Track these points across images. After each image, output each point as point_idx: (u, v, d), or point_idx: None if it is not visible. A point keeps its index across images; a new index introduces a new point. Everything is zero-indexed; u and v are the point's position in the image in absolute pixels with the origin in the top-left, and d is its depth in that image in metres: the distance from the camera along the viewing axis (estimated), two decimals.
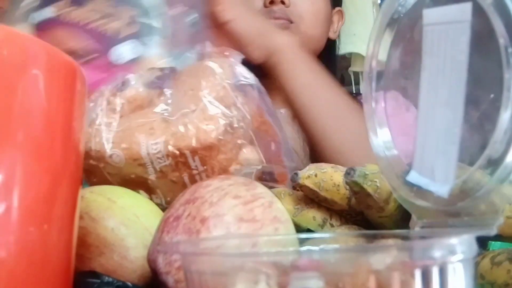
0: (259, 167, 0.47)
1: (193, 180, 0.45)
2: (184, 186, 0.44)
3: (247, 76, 0.49)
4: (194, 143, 0.43)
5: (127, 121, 0.45)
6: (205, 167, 0.44)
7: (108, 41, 0.50)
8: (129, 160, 0.43)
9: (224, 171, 0.45)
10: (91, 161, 0.44)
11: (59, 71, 0.24)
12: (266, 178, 0.48)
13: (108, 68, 0.50)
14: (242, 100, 0.46)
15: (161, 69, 0.50)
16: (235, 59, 0.49)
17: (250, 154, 0.47)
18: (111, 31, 0.51)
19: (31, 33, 0.49)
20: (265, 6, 0.83)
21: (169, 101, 0.46)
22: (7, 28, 0.22)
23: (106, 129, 0.44)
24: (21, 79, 0.21)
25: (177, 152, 0.43)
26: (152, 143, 0.43)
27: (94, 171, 0.45)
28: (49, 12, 0.50)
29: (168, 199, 0.45)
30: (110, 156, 0.43)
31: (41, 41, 0.23)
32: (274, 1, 0.82)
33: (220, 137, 0.44)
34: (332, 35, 0.95)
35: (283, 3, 0.83)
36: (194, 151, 0.43)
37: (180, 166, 0.44)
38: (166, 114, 0.45)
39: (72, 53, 0.45)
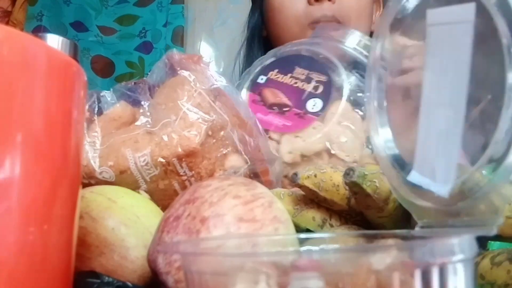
0: (245, 167, 0.49)
1: (183, 186, 0.46)
2: (175, 193, 0.46)
3: (219, 79, 0.51)
4: (179, 150, 0.45)
5: (110, 138, 0.47)
6: (193, 172, 0.46)
7: (299, 97, 0.62)
8: (119, 175, 0.45)
9: (211, 176, 0.47)
10: (83, 180, 0.45)
11: (59, 71, 0.24)
12: (252, 177, 0.50)
13: (294, 118, 0.60)
14: (219, 103, 0.49)
15: (133, 82, 0.53)
16: (204, 64, 0.51)
17: (236, 161, 0.49)
18: (303, 90, 0.62)
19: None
20: (309, 3, 0.79)
21: (148, 113, 0.48)
22: (7, 28, 0.22)
23: (91, 148, 0.46)
24: (21, 79, 0.21)
25: (164, 161, 0.45)
26: (139, 156, 0.45)
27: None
28: (261, 79, 0.65)
29: (160, 207, 0.46)
30: (100, 173, 0.44)
31: (41, 41, 0.23)
32: None
33: (203, 141, 0.46)
34: (373, 28, 0.89)
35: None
36: (180, 158, 0.45)
37: (169, 173, 0.46)
38: (148, 126, 0.47)
39: (274, 104, 0.62)
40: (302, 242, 0.28)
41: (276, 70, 0.65)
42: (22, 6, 1.99)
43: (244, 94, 0.65)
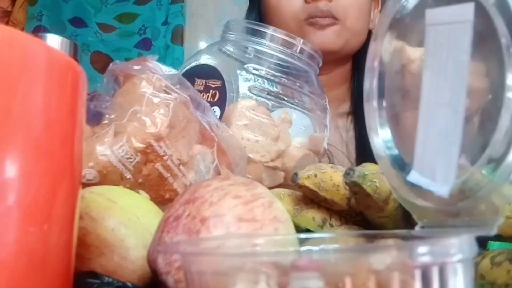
0: (214, 164, 0.50)
1: (167, 167, 0.47)
2: (161, 176, 0.46)
3: (173, 71, 0.53)
4: (154, 131, 0.46)
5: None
6: (172, 149, 0.47)
7: None
8: (103, 172, 0.45)
9: (187, 154, 0.48)
10: None
11: (59, 71, 0.24)
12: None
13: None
14: (178, 86, 0.50)
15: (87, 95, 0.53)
16: (152, 60, 0.52)
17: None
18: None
19: None
20: (306, 1, 0.80)
21: (112, 113, 0.49)
22: (7, 28, 0.22)
23: None
24: (21, 79, 0.21)
25: (143, 145, 0.46)
26: (116, 148, 0.45)
27: None
28: None
29: (153, 196, 0.47)
30: (84, 176, 0.45)
31: (41, 41, 0.23)
32: None
33: (174, 119, 0.47)
34: (371, 26, 0.90)
35: None
36: (157, 139, 0.46)
37: (150, 157, 0.46)
38: (115, 122, 0.47)
39: None
40: (302, 242, 0.28)
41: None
42: (22, 6, 1.99)
43: None
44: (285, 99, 0.63)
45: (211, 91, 0.61)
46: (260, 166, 0.58)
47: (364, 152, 0.83)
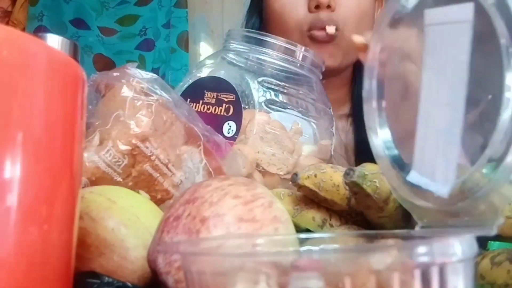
0: (203, 163, 0.51)
1: (155, 167, 0.47)
2: (150, 176, 0.47)
3: (153, 75, 0.53)
4: (139, 131, 0.47)
5: None
6: (159, 149, 0.47)
7: (214, 123, 0.58)
8: (92, 179, 0.45)
9: (174, 154, 0.49)
10: None
11: (59, 71, 0.24)
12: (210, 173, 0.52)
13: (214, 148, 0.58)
14: (158, 87, 0.51)
15: None
16: (131, 67, 0.52)
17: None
18: (216, 115, 0.60)
19: None
20: (310, 11, 0.78)
21: (95, 120, 0.49)
22: (7, 28, 0.22)
23: None
24: (21, 79, 0.21)
25: (130, 147, 0.46)
26: (103, 153, 0.46)
27: None
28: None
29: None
30: None
31: (41, 41, 0.23)
32: (320, 5, 0.77)
33: (157, 120, 0.48)
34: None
35: (329, 7, 0.77)
36: (143, 140, 0.47)
37: (138, 158, 0.47)
38: (100, 129, 0.48)
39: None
40: (302, 242, 0.28)
41: (188, 100, 0.62)
42: (23, 6, 1.99)
43: None
44: (289, 107, 0.62)
45: (224, 104, 0.60)
46: (277, 179, 0.58)
47: (363, 154, 0.83)
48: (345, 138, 0.87)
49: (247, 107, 0.59)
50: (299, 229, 0.45)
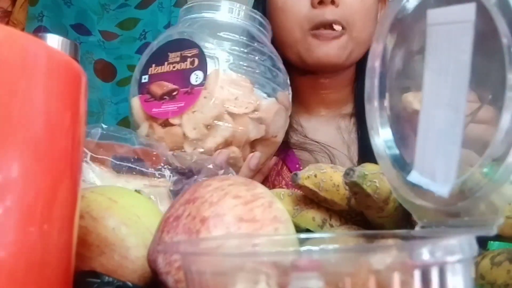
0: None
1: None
2: None
3: None
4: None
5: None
6: None
7: (182, 77, 0.66)
8: None
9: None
10: None
11: (59, 71, 0.24)
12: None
13: (184, 97, 0.64)
14: None
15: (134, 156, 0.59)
16: None
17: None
18: (182, 70, 0.66)
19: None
20: (313, 6, 0.77)
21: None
22: (7, 28, 0.22)
23: None
24: (21, 79, 0.21)
25: None
26: None
27: None
28: (144, 79, 0.70)
29: None
30: None
31: (41, 41, 0.23)
32: (324, 1, 0.76)
33: None
34: None
35: (333, 3, 0.76)
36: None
37: None
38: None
39: (164, 94, 0.65)
40: (302, 242, 0.28)
41: (153, 65, 0.69)
42: (23, 6, 1.99)
43: (135, 101, 0.69)
44: (246, 65, 0.68)
45: (188, 59, 0.66)
46: (247, 119, 0.65)
47: (366, 153, 0.82)
48: (348, 138, 0.86)
49: (212, 54, 0.66)
50: (299, 229, 0.45)
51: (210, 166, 0.56)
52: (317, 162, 0.81)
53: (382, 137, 0.33)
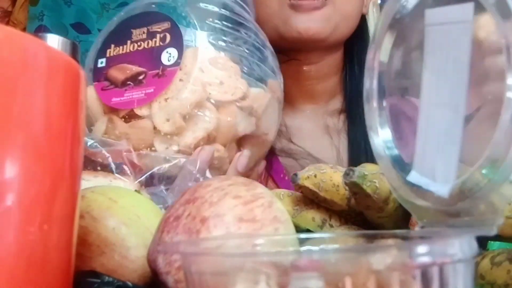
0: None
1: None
2: None
3: None
4: None
5: None
6: None
7: (150, 56, 0.54)
8: None
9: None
10: None
11: (59, 71, 0.24)
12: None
13: (154, 81, 0.53)
14: None
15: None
16: None
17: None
18: (150, 48, 0.55)
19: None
20: None
21: None
22: (7, 28, 0.22)
23: None
24: (21, 79, 0.21)
25: None
26: None
27: None
28: (101, 63, 0.57)
29: None
30: None
31: (41, 41, 0.23)
32: None
33: None
34: (364, 10, 0.80)
35: None
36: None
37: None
38: None
39: (127, 79, 0.53)
40: (302, 242, 0.28)
41: (112, 46, 0.57)
42: (23, 6, 1.99)
43: (90, 91, 0.56)
44: (231, 45, 0.57)
45: (157, 35, 0.54)
46: (234, 108, 0.53)
47: (356, 158, 0.74)
48: (337, 139, 0.78)
49: (188, 29, 0.54)
50: (299, 230, 0.45)
51: (189, 168, 0.45)
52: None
53: (381, 137, 0.33)
